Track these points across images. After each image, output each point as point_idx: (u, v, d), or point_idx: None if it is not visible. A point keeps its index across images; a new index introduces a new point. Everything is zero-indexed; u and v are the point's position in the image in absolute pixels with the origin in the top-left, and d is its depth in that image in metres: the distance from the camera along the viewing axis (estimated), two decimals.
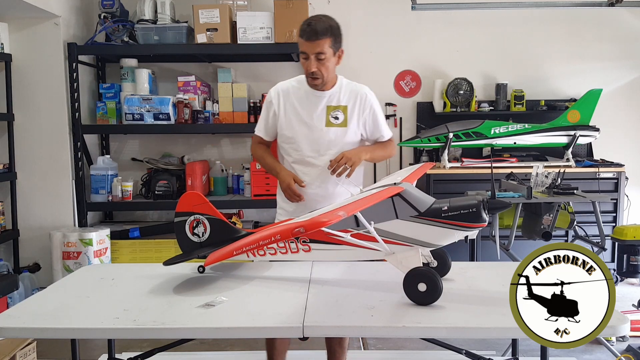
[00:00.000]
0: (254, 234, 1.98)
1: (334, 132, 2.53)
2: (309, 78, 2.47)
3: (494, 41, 5.09)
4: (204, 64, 5.00)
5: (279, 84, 2.62)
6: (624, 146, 5.09)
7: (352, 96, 2.58)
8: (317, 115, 2.52)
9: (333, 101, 2.54)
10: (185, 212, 2.28)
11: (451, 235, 1.90)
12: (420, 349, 3.40)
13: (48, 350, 3.33)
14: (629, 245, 3.84)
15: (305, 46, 2.39)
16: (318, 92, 2.52)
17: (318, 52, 2.38)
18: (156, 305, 1.90)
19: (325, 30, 2.38)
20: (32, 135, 4.41)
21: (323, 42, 2.37)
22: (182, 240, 2.30)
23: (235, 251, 1.95)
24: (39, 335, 1.85)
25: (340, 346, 2.68)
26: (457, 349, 2.32)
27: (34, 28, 4.35)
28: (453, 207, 1.87)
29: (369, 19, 5.05)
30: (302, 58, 2.44)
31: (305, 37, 2.37)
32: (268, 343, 2.65)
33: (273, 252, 2.13)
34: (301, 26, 2.42)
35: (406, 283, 1.84)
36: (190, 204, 2.27)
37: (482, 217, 1.86)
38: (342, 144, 2.54)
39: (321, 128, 2.52)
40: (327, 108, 2.53)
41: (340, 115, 2.54)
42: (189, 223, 2.27)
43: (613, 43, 5.08)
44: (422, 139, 4.68)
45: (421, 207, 1.91)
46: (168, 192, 4.60)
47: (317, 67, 2.41)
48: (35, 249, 4.43)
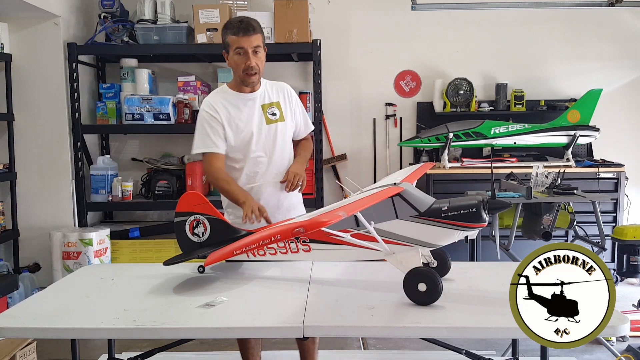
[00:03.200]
0: (254, 234, 1.98)
1: (275, 128, 2.58)
2: (245, 74, 2.47)
3: (494, 41, 5.09)
4: (204, 64, 5.00)
5: (207, 99, 2.58)
6: (624, 146, 5.09)
7: (279, 92, 2.65)
8: (257, 116, 2.55)
9: (265, 99, 2.60)
10: (185, 212, 2.28)
11: (451, 235, 1.90)
12: (420, 349, 3.40)
13: (48, 350, 3.33)
14: (629, 245, 3.83)
15: (241, 41, 2.42)
16: (249, 95, 2.55)
17: (256, 46, 2.44)
18: (156, 305, 1.90)
19: (258, 25, 2.47)
20: (32, 135, 4.41)
21: (258, 36, 2.45)
22: (182, 240, 2.30)
23: (235, 251, 1.95)
24: (39, 335, 1.85)
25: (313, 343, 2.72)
26: (457, 349, 2.32)
27: (34, 28, 4.35)
28: (453, 207, 1.87)
29: (369, 19, 5.05)
30: (236, 54, 2.45)
31: (242, 32, 2.41)
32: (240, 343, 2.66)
33: (273, 252, 2.13)
34: (230, 24, 2.47)
35: (406, 283, 1.85)
36: (190, 204, 2.27)
37: (482, 217, 1.86)
38: (284, 137, 2.61)
39: (263, 127, 2.55)
40: (262, 107, 2.57)
41: (277, 111, 2.60)
42: (189, 223, 2.28)
43: (613, 43, 5.08)
44: (422, 139, 4.68)
45: (421, 207, 1.91)
46: (168, 192, 4.60)
47: (255, 62, 2.44)
48: (35, 249, 4.43)
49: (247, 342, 2.64)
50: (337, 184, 2.31)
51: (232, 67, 2.52)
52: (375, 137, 5.15)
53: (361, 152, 5.15)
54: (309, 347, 2.71)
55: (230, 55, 2.49)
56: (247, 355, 2.66)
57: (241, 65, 2.45)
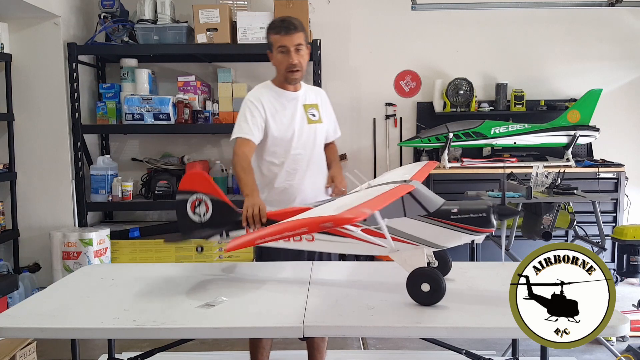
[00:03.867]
0: (278, 224, 1.79)
1: (315, 129, 2.63)
2: (288, 72, 2.52)
3: (494, 41, 5.09)
4: (204, 64, 5.00)
5: (253, 91, 2.61)
6: (624, 146, 5.09)
7: (317, 95, 2.72)
8: (300, 114, 2.60)
9: (307, 100, 2.64)
10: (188, 191, 2.22)
11: (458, 238, 1.89)
12: (420, 349, 3.40)
13: (48, 350, 3.33)
14: (629, 245, 3.84)
15: (283, 40, 2.48)
16: (293, 94, 2.60)
17: (298, 44, 2.49)
18: (156, 305, 1.90)
19: (300, 24, 2.53)
20: (32, 135, 4.41)
21: (300, 35, 2.50)
22: (182, 219, 2.24)
23: (259, 239, 1.80)
24: (39, 335, 1.85)
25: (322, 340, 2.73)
26: (457, 349, 2.32)
27: (34, 28, 4.34)
28: (463, 210, 1.86)
29: (369, 19, 5.05)
30: (279, 53, 2.51)
31: (285, 31, 2.47)
32: (252, 342, 2.66)
33: None
34: (273, 24, 2.54)
35: (409, 283, 1.83)
36: (194, 183, 2.22)
37: (491, 223, 1.85)
38: (321, 139, 2.67)
39: (305, 126, 2.59)
40: (304, 107, 2.63)
41: (316, 113, 2.65)
42: (191, 202, 2.22)
43: (613, 43, 5.08)
44: (422, 139, 4.69)
45: (430, 207, 1.89)
46: (168, 192, 4.60)
47: (298, 59, 2.50)
48: (35, 249, 4.43)
49: (259, 341, 2.63)
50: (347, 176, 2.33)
51: (275, 65, 2.56)
52: (375, 137, 5.15)
53: (361, 152, 5.15)
54: (319, 345, 2.71)
55: (273, 54, 2.54)
56: (257, 354, 2.65)
57: (284, 63, 2.50)
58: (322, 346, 2.72)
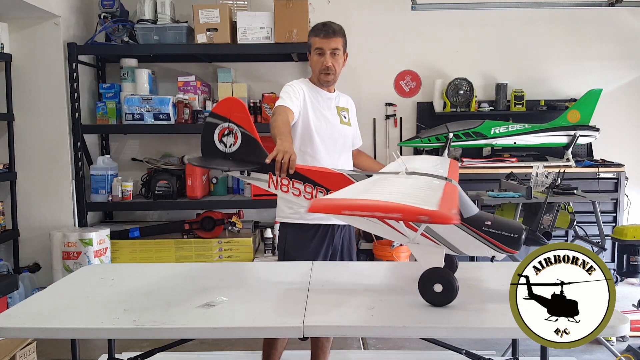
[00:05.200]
0: (370, 200, 1.50)
1: (345, 130, 2.70)
2: (322, 74, 2.61)
3: (494, 41, 5.09)
4: (204, 64, 5.00)
5: (292, 82, 2.65)
6: (624, 146, 5.09)
7: (347, 101, 2.83)
8: (332, 113, 2.67)
9: (339, 102, 2.74)
10: (221, 117, 2.11)
11: (482, 250, 1.86)
12: (420, 349, 3.40)
13: (48, 350, 3.33)
14: (629, 245, 3.84)
15: (321, 42, 2.58)
16: (328, 94, 2.68)
17: (334, 48, 2.59)
18: (156, 305, 1.90)
19: (340, 29, 2.64)
20: (32, 135, 4.41)
21: (338, 40, 2.61)
22: (206, 143, 2.15)
23: (347, 210, 1.48)
24: (39, 335, 1.85)
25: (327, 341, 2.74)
26: (457, 349, 2.32)
27: (34, 28, 4.34)
28: (496, 225, 1.82)
29: (369, 19, 5.06)
30: (317, 54, 2.60)
31: (324, 34, 2.58)
32: (267, 342, 2.66)
33: (297, 194, 2.04)
34: (315, 27, 2.63)
35: (422, 282, 1.80)
36: (230, 110, 2.11)
37: (519, 246, 1.81)
38: (349, 143, 2.74)
39: (338, 125, 2.66)
40: (337, 108, 2.71)
41: (347, 115, 2.74)
42: (220, 129, 2.12)
43: (613, 43, 5.09)
44: (422, 139, 4.69)
45: (465, 213, 1.84)
46: (168, 192, 4.60)
47: (332, 63, 2.59)
48: (35, 249, 4.43)
49: (274, 341, 2.63)
50: None
51: (311, 66, 2.66)
52: (375, 137, 5.15)
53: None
54: (324, 345, 2.72)
55: (311, 55, 2.63)
56: (270, 355, 2.65)
57: (319, 64, 2.60)
58: (326, 346, 2.73)
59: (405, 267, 2.45)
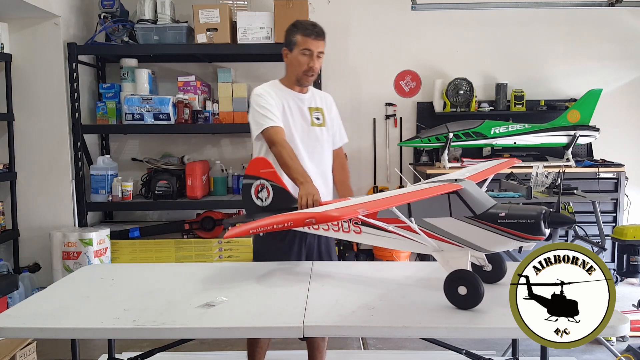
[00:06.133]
0: (271, 217, 1.79)
1: (319, 132, 2.66)
2: (305, 75, 2.57)
3: (494, 41, 5.09)
4: (204, 64, 5.00)
5: (261, 88, 2.60)
6: (624, 146, 5.09)
7: (323, 99, 2.76)
8: (305, 115, 2.63)
9: (312, 103, 2.69)
10: (253, 176, 2.38)
11: (505, 244, 1.83)
12: (420, 349, 3.40)
13: (48, 350, 3.33)
14: (629, 245, 3.84)
15: (310, 44, 2.53)
16: (300, 95, 2.64)
17: (320, 52, 2.57)
18: (156, 305, 1.90)
19: (324, 32, 2.60)
20: (32, 135, 4.41)
21: (324, 44, 2.59)
22: (247, 202, 2.40)
23: (252, 230, 1.85)
24: (39, 335, 1.85)
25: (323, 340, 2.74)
26: (457, 349, 2.32)
27: (34, 28, 4.34)
28: (511, 215, 1.79)
29: (369, 19, 5.06)
30: (302, 54, 2.55)
31: (315, 36, 2.54)
32: (250, 342, 2.67)
33: (326, 229, 2.19)
34: (303, 26, 2.57)
35: (447, 284, 1.79)
36: (258, 169, 2.36)
37: (541, 230, 1.76)
38: (325, 142, 2.70)
39: (310, 128, 2.63)
40: (309, 109, 2.66)
41: (320, 116, 2.69)
42: (255, 187, 2.37)
43: (613, 43, 5.09)
44: (422, 139, 4.69)
45: (477, 209, 1.83)
46: (168, 192, 4.60)
47: (317, 65, 2.58)
48: (35, 249, 4.43)
49: (257, 340, 2.64)
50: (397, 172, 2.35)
51: (292, 64, 2.58)
52: (375, 137, 5.15)
53: (361, 152, 5.15)
54: (319, 345, 2.72)
55: (294, 54, 2.56)
56: (255, 353, 2.66)
57: (304, 65, 2.55)
58: (322, 346, 2.73)
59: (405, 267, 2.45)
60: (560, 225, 1.80)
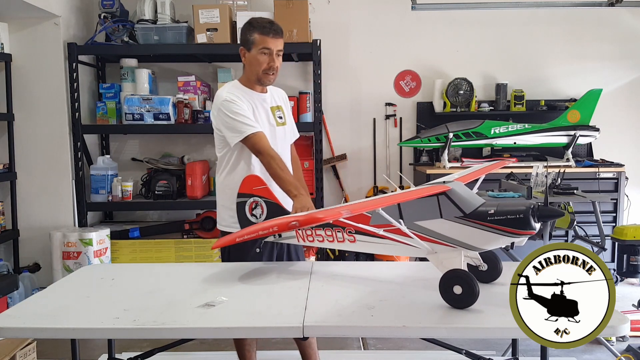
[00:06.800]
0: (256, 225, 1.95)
1: (282, 131, 2.66)
2: (265, 74, 2.53)
3: (494, 41, 5.09)
4: (204, 64, 5.00)
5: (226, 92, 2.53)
6: (624, 146, 5.09)
7: (280, 97, 2.74)
8: (269, 116, 2.62)
9: (273, 102, 2.67)
10: (246, 194, 2.39)
11: (496, 241, 1.84)
12: (420, 349, 3.40)
13: (48, 350, 3.33)
14: (629, 245, 3.84)
15: (270, 42, 2.50)
16: (261, 95, 2.62)
17: (279, 50, 2.54)
18: (156, 305, 1.90)
19: (282, 30, 2.56)
20: (32, 135, 4.41)
21: (282, 41, 2.56)
22: (242, 220, 2.40)
23: (238, 239, 1.96)
24: (39, 335, 1.85)
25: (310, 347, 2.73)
26: (457, 349, 2.32)
27: (34, 28, 4.35)
28: (500, 212, 1.80)
29: (369, 19, 5.05)
30: (260, 53, 2.50)
31: (273, 34, 2.50)
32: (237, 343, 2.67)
33: (321, 240, 2.19)
34: (259, 24, 2.53)
35: (442, 284, 1.80)
36: (251, 187, 2.38)
37: (530, 225, 1.77)
38: (288, 142, 2.73)
39: (275, 128, 2.62)
40: (271, 109, 2.65)
41: (282, 115, 2.69)
42: (249, 204, 2.38)
43: (613, 43, 5.08)
44: (422, 139, 4.69)
45: (467, 209, 1.85)
46: (168, 192, 4.60)
47: (278, 64, 2.55)
48: (35, 249, 4.43)
49: (243, 340, 2.65)
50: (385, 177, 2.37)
51: (251, 64, 2.54)
52: (375, 137, 5.15)
53: (361, 152, 5.15)
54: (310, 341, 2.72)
55: (252, 53, 2.52)
56: (244, 352, 2.67)
57: (264, 64, 2.51)
58: (312, 342, 2.73)
59: (405, 267, 2.45)
60: (549, 218, 1.82)
